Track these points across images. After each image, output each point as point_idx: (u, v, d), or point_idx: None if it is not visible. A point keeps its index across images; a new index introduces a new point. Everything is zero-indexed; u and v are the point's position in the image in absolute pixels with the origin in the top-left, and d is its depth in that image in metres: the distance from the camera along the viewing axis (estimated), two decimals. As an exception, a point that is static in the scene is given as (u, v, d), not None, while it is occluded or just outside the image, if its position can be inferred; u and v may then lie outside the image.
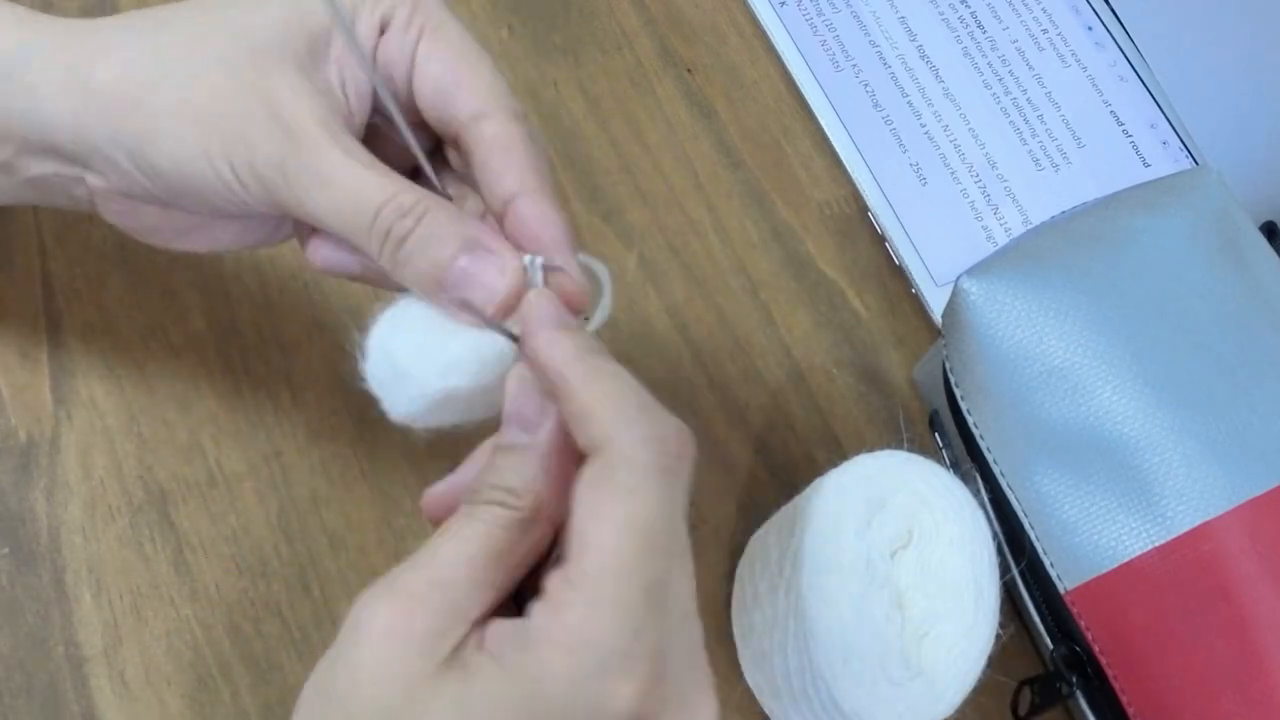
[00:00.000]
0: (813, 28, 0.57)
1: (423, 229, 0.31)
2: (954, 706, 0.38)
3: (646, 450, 0.27)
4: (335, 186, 0.31)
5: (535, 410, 0.29)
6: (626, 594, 0.26)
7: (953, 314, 0.44)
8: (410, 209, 0.31)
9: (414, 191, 0.31)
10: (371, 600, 0.27)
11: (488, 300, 0.31)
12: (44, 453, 0.43)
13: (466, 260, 0.31)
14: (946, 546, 0.39)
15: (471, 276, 0.31)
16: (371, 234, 0.31)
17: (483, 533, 0.28)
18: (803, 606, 0.38)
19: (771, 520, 0.43)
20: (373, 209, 0.31)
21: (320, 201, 0.31)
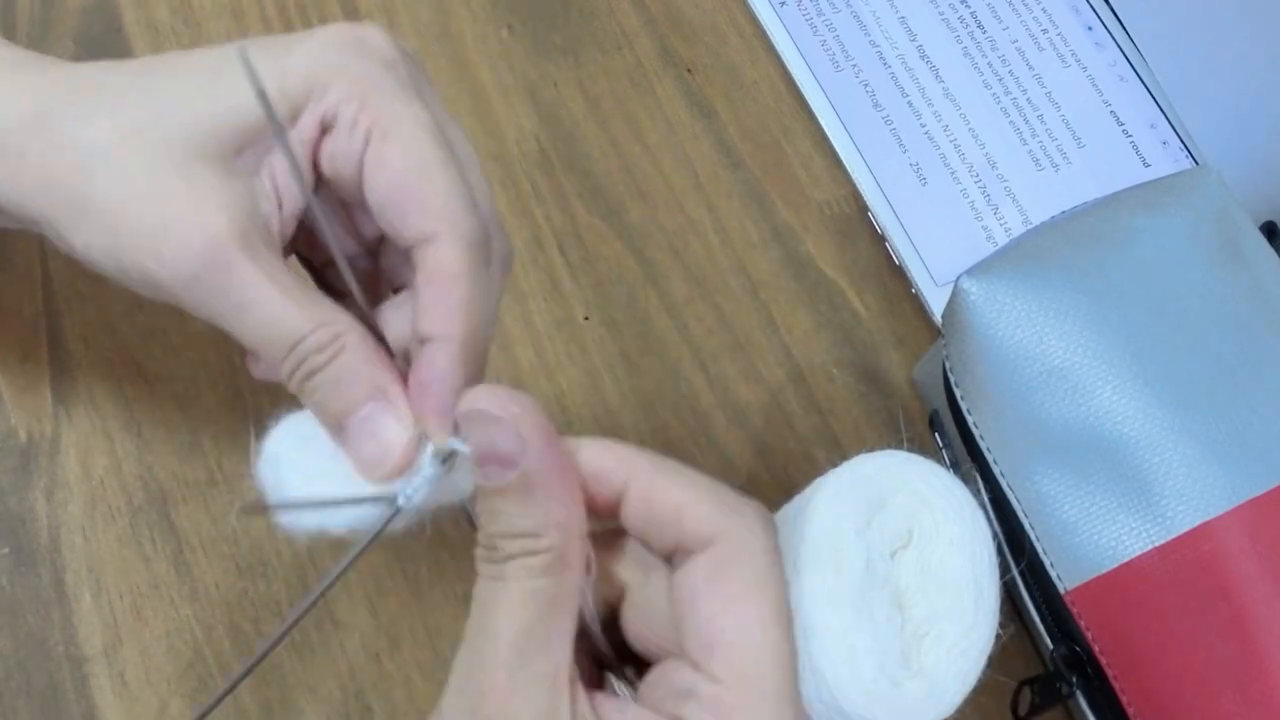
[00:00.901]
0: (813, 28, 0.57)
1: (333, 368, 0.29)
2: (954, 706, 0.38)
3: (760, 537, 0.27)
4: (251, 312, 0.29)
5: (509, 439, 0.26)
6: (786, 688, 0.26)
7: (953, 314, 0.44)
8: (326, 345, 0.29)
9: (332, 326, 0.29)
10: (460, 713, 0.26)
11: (377, 457, 0.29)
12: (44, 453, 0.43)
13: (368, 410, 0.29)
14: (946, 546, 0.39)
15: (368, 430, 0.29)
16: (285, 364, 0.30)
17: (525, 590, 0.26)
18: (803, 606, 0.38)
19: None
20: (289, 342, 0.29)
21: (235, 323, 0.30)
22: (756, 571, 0.26)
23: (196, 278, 0.29)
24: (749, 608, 0.26)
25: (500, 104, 0.53)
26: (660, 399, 0.49)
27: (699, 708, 0.26)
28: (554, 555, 0.26)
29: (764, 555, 0.27)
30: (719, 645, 0.26)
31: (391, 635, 0.42)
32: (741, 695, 0.26)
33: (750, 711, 0.26)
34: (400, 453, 0.29)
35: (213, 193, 0.29)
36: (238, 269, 0.29)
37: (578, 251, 0.51)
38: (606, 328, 0.49)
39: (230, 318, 0.30)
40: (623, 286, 0.50)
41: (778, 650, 0.26)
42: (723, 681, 0.26)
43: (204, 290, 0.29)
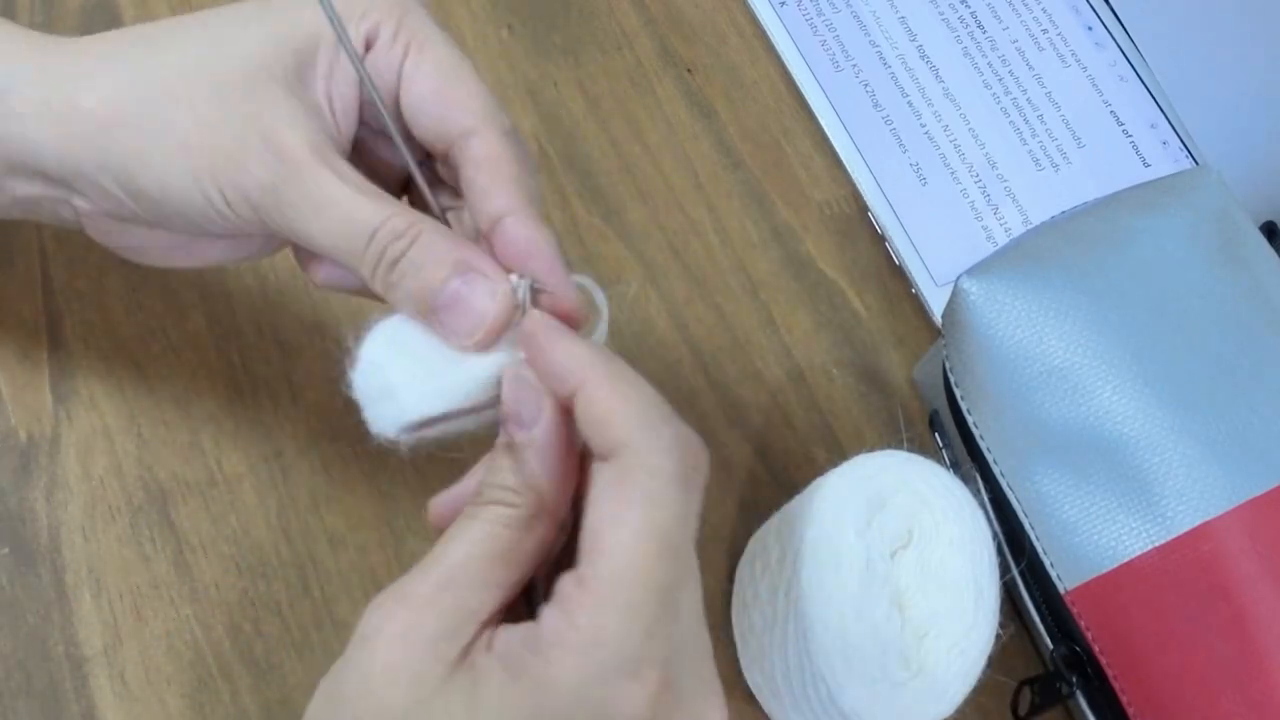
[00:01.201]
0: (813, 28, 0.57)
1: (415, 252, 0.31)
2: (954, 706, 0.38)
3: (669, 458, 0.27)
4: (328, 211, 0.31)
5: (531, 407, 0.29)
6: (641, 598, 0.26)
7: (953, 314, 0.44)
8: (404, 232, 0.31)
9: (407, 214, 0.31)
10: (380, 606, 0.27)
11: (477, 324, 0.30)
12: (44, 453, 0.43)
13: (457, 283, 0.30)
14: (946, 546, 0.39)
15: (462, 300, 0.30)
16: (365, 258, 0.31)
17: (486, 533, 0.28)
18: (803, 606, 0.38)
19: (771, 520, 0.43)
20: (367, 233, 0.31)
21: (313, 226, 0.31)
22: (648, 489, 0.27)
23: (275, 186, 0.31)
24: (629, 522, 0.27)
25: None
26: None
27: (555, 606, 0.27)
28: (523, 513, 0.28)
29: (662, 476, 0.27)
30: (593, 552, 0.27)
31: (391, 635, 0.42)
32: (593, 598, 0.26)
33: (596, 614, 0.26)
34: (497, 314, 0.30)
35: (279, 110, 0.31)
36: (313, 172, 0.31)
37: (578, 251, 0.51)
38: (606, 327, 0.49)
39: (309, 219, 0.31)
40: (623, 286, 0.50)
41: (644, 568, 0.26)
42: (586, 585, 0.26)
43: (283, 195, 0.31)
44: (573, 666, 0.26)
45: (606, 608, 0.26)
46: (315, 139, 0.31)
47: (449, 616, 0.27)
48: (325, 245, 0.31)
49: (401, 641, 0.27)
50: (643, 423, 0.28)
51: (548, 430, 0.29)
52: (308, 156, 0.31)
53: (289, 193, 0.31)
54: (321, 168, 0.31)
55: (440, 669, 0.26)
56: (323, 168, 0.31)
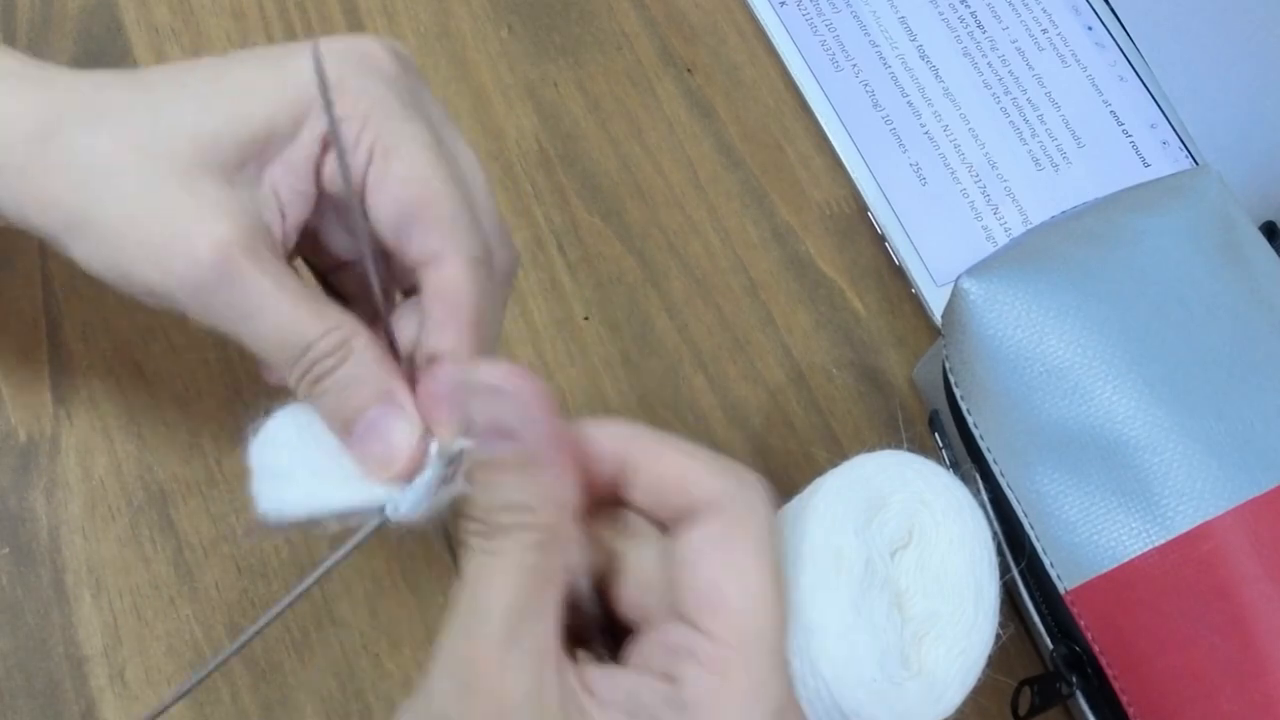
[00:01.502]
0: (813, 28, 0.57)
1: (342, 372, 0.30)
2: (954, 706, 0.38)
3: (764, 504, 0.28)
4: (259, 319, 0.30)
5: (512, 414, 0.27)
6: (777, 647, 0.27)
7: (953, 314, 0.44)
8: (334, 350, 0.30)
9: (338, 331, 0.30)
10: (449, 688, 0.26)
11: (385, 459, 0.30)
12: (44, 453, 0.43)
13: (375, 413, 0.30)
14: (946, 546, 0.39)
15: (376, 432, 0.30)
16: (294, 369, 0.30)
17: (520, 565, 0.26)
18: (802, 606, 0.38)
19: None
20: (298, 347, 0.30)
21: (242, 330, 0.30)
22: (759, 538, 0.27)
23: (203, 287, 0.29)
24: (752, 573, 0.27)
25: (500, 104, 0.53)
26: (660, 399, 0.49)
27: (697, 665, 0.26)
28: (548, 530, 0.27)
29: (766, 523, 0.28)
30: (721, 607, 0.26)
31: (391, 635, 0.42)
32: (741, 654, 0.26)
33: (749, 670, 0.26)
34: (408, 454, 0.29)
35: (217, 203, 0.30)
36: (245, 276, 0.29)
37: (578, 251, 0.51)
38: (606, 328, 0.49)
39: (239, 325, 0.30)
40: (623, 286, 0.50)
41: (775, 615, 0.27)
42: (723, 641, 0.26)
43: (212, 299, 0.30)
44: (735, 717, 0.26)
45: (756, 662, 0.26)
46: (250, 235, 0.30)
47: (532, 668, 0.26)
48: (255, 348, 0.30)
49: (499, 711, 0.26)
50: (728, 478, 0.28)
51: (541, 429, 0.27)
52: (240, 257, 0.29)
53: (217, 295, 0.29)
54: (252, 270, 0.29)
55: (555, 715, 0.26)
56: (254, 270, 0.29)
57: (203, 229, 0.29)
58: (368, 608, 0.42)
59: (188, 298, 0.30)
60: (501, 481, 0.27)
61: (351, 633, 0.42)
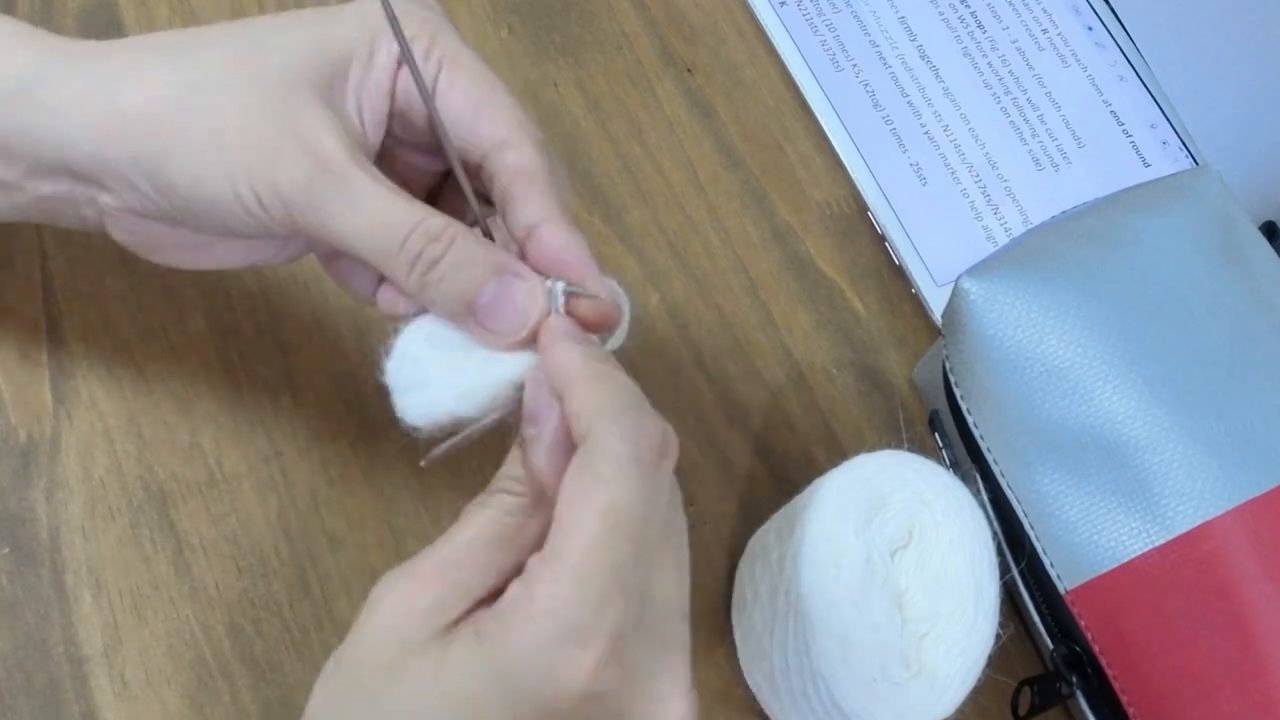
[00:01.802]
0: (813, 28, 0.57)
1: (453, 254, 0.32)
2: (954, 706, 0.38)
3: (624, 443, 0.29)
4: (362, 211, 0.32)
5: (544, 407, 0.31)
6: (591, 571, 0.28)
7: (953, 314, 0.44)
8: (439, 234, 0.32)
9: (441, 217, 0.32)
10: (388, 578, 0.30)
11: (517, 324, 0.32)
12: (44, 453, 0.43)
13: (496, 285, 0.32)
14: (946, 546, 0.39)
15: (501, 301, 0.32)
16: (399, 259, 0.32)
17: (489, 518, 0.30)
18: (802, 606, 0.38)
19: (771, 520, 0.43)
20: (401, 234, 0.32)
21: (346, 226, 0.32)
22: (604, 471, 0.28)
23: (310, 185, 0.31)
24: (584, 501, 0.28)
25: (500, 104, 0.53)
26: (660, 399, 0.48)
27: (519, 580, 0.29)
28: (524, 501, 0.30)
29: (616, 458, 0.29)
30: (558, 530, 0.28)
31: (391, 635, 0.42)
32: (550, 571, 0.28)
33: (553, 586, 0.28)
34: (538, 311, 0.32)
35: (315, 114, 0.32)
36: (347, 173, 0.32)
37: (578, 251, 0.51)
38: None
39: (342, 219, 0.32)
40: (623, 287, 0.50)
41: (593, 541, 0.28)
42: (546, 561, 0.28)
43: (317, 195, 0.32)
44: (526, 634, 0.28)
45: (559, 580, 0.28)
46: (348, 143, 0.32)
47: (443, 592, 0.29)
48: (357, 246, 0.32)
49: (397, 608, 0.29)
50: (604, 412, 0.29)
51: (555, 427, 0.30)
52: (341, 157, 0.32)
53: (323, 192, 0.32)
54: (355, 168, 0.32)
55: (425, 635, 0.28)
56: (357, 169, 0.32)
57: (308, 135, 0.32)
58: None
59: (294, 195, 0.32)
60: (512, 456, 0.31)
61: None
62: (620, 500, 0.28)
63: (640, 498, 0.28)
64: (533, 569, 0.29)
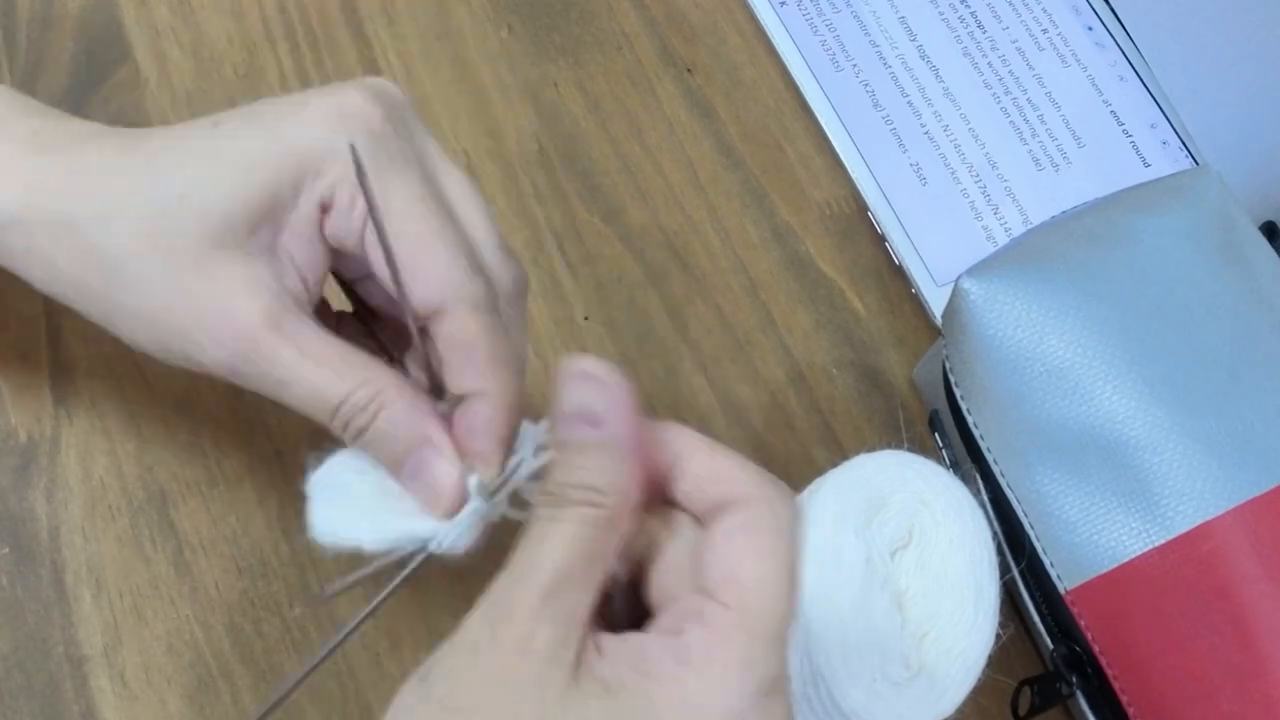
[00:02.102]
0: (813, 28, 0.57)
1: (379, 424, 0.32)
2: (954, 706, 0.38)
3: (789, 507, 0.29)
4: (290, 386, 0.32)
5: (603, 405, 0.29)
6: (781, 629, 0.28)
7: (953, 314, 0.44)
8: (365, 406, 0.32)
9: (368, 385, 0.32)
10: (482, 624, 0.27)
11: (432, 498, 0.32)
12: (44, 453, 0.43)
13: (415, 460, 0.32)
14: (946, 546, 0.39)
15: (419, 475, 0.32)
16: (333, 424, 0.32)
17: (577, 535, 0.28)
18: (803, 606, 0.38)
19: (771, 520, 0.42)
20: (329, 408, 0.32)
21: (281, 394, 0.32)
22: (781, 532, 0.29)
23: (234, 364, 0.32)
24: (768, 557, 0.28)
25: (500, 104, 0.53)
26: (660, 399, 0.49)
27: (703, 624, 0.28)
28: (610, 513, 0.28)
29: (790, 521, 0.29)
30: (736, 581, 0.28)
31: (391, 635, 0.42)
32: (742, 622, 0.27)
33: (745, 638, 0.27)
34: (451, 491, 0.32)
35: (235, 280, 0.32)
36: (271, 352, 0.32)
37: (578, 251, 0.51)
38: (606, 328, 0.49)
39: (276, 391, 0.32)
40: (623, 287, 0.50)
41: (783, 602, 0.28)
42: (730, 608, 0.27)
43: (247, 372, 0.32)
44: (733, 684, 0.27)
45: (756, 635, 0.27)
46: (273, 307, 0.32)
47: (559, 625, 0.27)
48: (295, 408, 0.33)
49: (521, 652, 0.27)
50: (762, 480, 0.29)
51: (628, 430, 0.29)
52: (264, 332, 0.32)
53: (249, 369, 0.32)
54: (278, 344, 0.32)
55: (563, 675, 0.27)
56: (280, 344, 0.32)
57: (226, 309, 0.32)
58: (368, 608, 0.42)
59: (225, 373, 0.32)
60: (579, 464, 0.29)
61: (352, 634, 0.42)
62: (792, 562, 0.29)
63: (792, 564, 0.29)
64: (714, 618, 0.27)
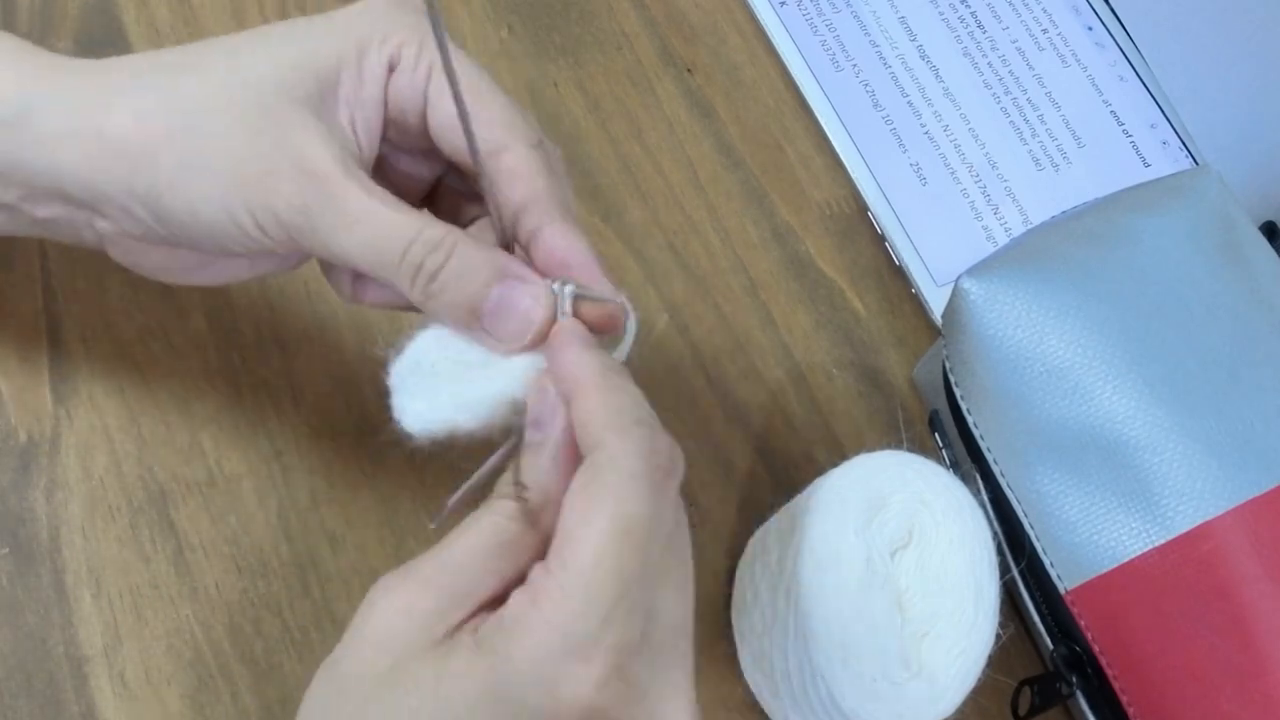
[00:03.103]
0: (813, 28, 0.57)
1: (455, 262, 0.31)
2: (954, 706, 0.38)
3: (634, 457, 0.28)
4: (361, 226, 0.31)
5: (550, 412, 0.30)
6: (598, 584, 0.27)
7: (953, 314, 0.44)
8: (439, 243, 0.31)
9: (440, 226, 0.32)
10: (387, 580, 0.29)
11: (522, 329, 0.31)
12: (44, 453, 0.43)
13: (500, 289, 0.31)
14: (946, 546, 0.39)
15: (505, 306, 0.32)
16: (401, 271, 0.32)
17: (492, 523, 0.29)
18: (802, 606, 0.38)
19: (771, 520, 0.43)
20: (401, 246, 0.31)
21: (346, 241, 0.32)
22: (614, 485, 0.28)
23: (308, 207, 0.31)
24: (595, 514, 0.28)
25: (500, 104, 0.53)
26: (660, 399, 0.48)
27: (524, 591, 0.28)
28: (528, 507, 0.30)
29: (626, 473, 0.28)
30: (564, 541, 0.28)
31: (391, 635, 0.42)
32: (556, 583, 0.28)
33: (561, 603, 0.27)
34: (544, 314, 0.32)
35: (306, 131, 0.32)
36: (343, 189, 0.31)
37: (578, 251, 0.51)
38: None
39: (344, 236, 0.31)
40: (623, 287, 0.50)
41: (605, 557, 0.28)
42: (552, 572, 0.28)
43: (317, 215, 0.31)
44: (528, 646, 0.27)
45: (565, 592, 0.27)
46: (341, 156, 0.32)
47: (444, 597, 0.28)
48: (359, 260, 0.32)
49: (396, 613, 0.28)
50: (614, 425, 0.29)
51: (560, 434, 0.30)
52: (337, 174, 0.31)
53: (321, 211, 0.31)
54: (351, 184, 0.31)
55: (425, 641, 0.28)
56: (352, 184, 0.31)
57: (302, 154, 0.31)
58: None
59: (294, 218, 0.31)
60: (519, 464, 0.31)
61: (351, 633, 0.42)
62: (630, 514, 0.28)
63: (649, 512, 0.28)
64: (536, 579, 0.28)
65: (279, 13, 0.53)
